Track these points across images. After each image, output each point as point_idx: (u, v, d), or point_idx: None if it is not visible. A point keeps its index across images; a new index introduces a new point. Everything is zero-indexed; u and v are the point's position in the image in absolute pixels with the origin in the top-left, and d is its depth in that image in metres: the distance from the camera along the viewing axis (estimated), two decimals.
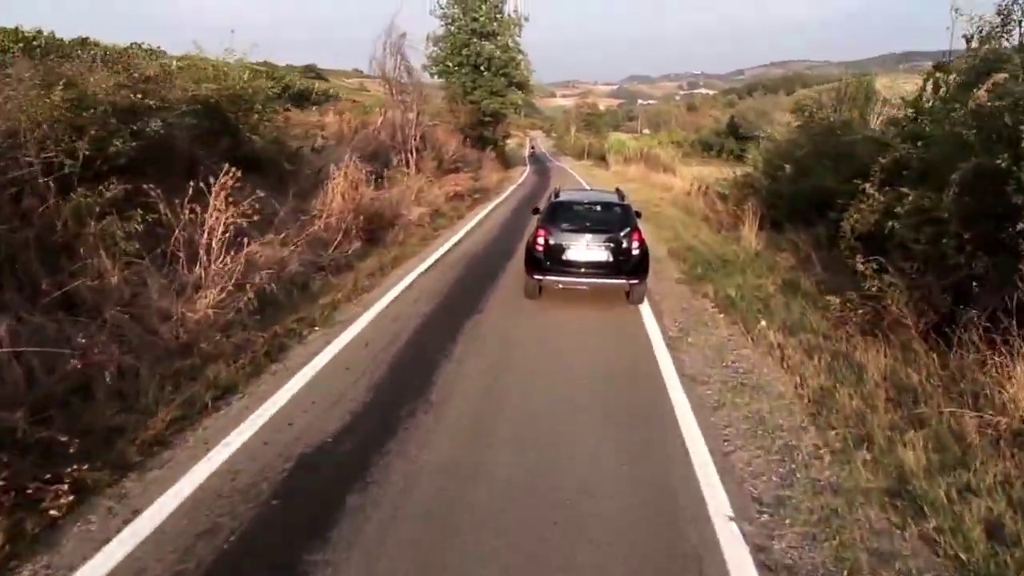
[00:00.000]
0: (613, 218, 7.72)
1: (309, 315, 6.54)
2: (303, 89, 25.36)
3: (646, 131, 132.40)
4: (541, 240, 7.40)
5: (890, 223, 7.12)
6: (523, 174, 32.80)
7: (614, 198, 8.47)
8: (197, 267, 6.05)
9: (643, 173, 29.59)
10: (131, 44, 13.73)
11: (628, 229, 7.46)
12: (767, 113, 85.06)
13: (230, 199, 6.15)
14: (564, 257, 7.34)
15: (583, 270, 7.36)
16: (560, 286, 7.52)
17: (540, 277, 7.43)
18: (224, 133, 8.84)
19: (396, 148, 15.75)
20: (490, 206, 17.69)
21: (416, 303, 7.45)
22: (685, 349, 6.26)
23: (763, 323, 6.99)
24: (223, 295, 5.83)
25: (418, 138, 16.34)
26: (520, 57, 30.14)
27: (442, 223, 13.51)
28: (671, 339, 6.54)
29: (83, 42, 14.28)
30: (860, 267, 6.95)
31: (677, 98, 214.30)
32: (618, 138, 40.14)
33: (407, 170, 15.48)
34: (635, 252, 7.37)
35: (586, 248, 7.34)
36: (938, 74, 9.21)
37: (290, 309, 6.68)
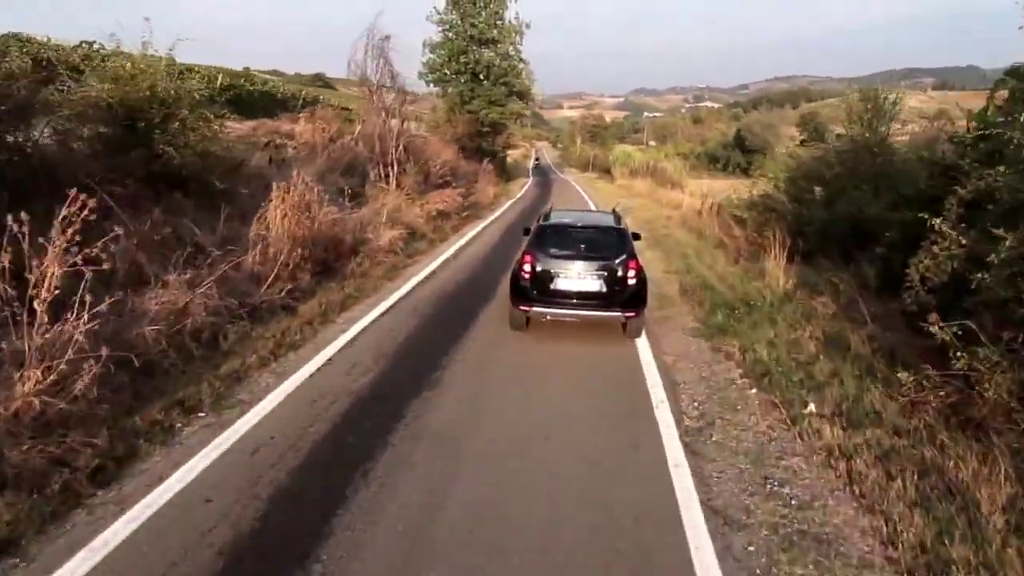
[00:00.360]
0: (607, 243, 6.86)
1: (195, 394, 4.76)
2: (285, 95, 23.77)
3: (652, 143, 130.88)
4: (528, 267, 6.65)
5: (979, 274, 5.32)
6: (524, 187, 31.10)
7: (609, 220, 7.66)
8: (34, 333, 4.29)
9: (650, 188, 27.81)
10: (80, 43, 12.15)
11: (624, 256, 6.66)
12: (773, 126, 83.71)
13: (77, 235, 4.37)
14: (553, 286, 6.58)
15: (574, 301, 6.58)
16: (548, 318, 6.72)
17: (526, 308, 6.66)
18: (138, 144, 7.16)
19: (375, 161, 14.05)
20: (480, 226, 15.95)
21: (353, 371, 5.65)
22: (710, 455, 4.41)
23: (811, 407, 5.17)
24: (54, 374, 4.07)
25: (400, 149, 14.63)
26: (521, 66, 28.56)
27: (419, 248, 11.75)
28: (689, 434, 4.70)
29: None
30: (940, 333, 5.15)
31: (683, 111, 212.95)
32: (624, 150, 38.41)
33: (386, 186, 13.77)
34: (631, 282, 6.60)
35: (577, 277, 6.58)
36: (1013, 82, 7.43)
37: (175, 381, 4.92)
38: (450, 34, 26.86)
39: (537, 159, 64.21)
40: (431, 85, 26.85)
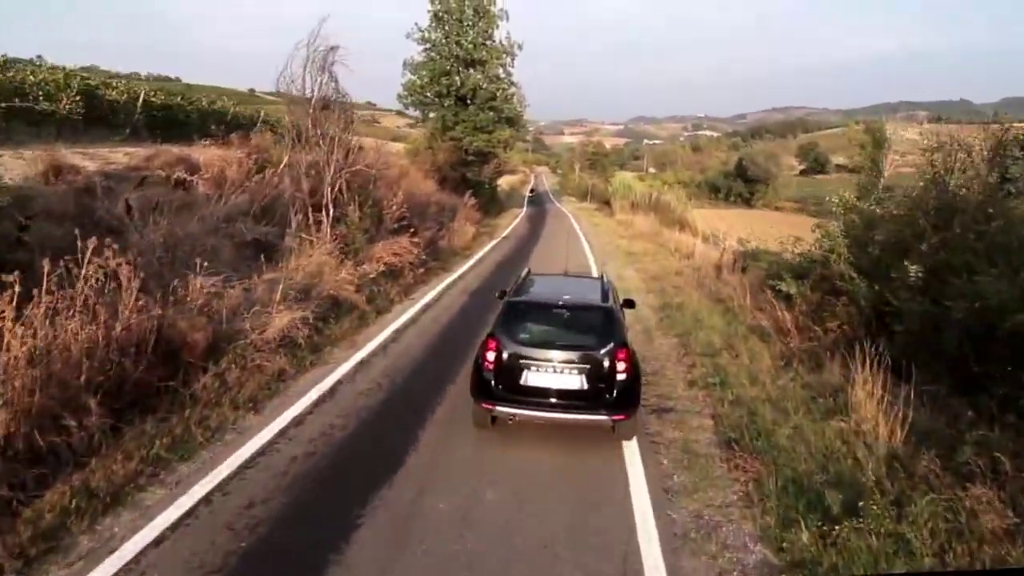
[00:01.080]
0: (592, 327, 5.47)
1: None
2: (243, 116, 20.55)
3: (652, 170, 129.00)
4: (492, 356, 5.30)
5: None
6: (515, 220, 27.78)
7: (595, 294, 6.02)
8: None
9: (653, 226, 24.47)
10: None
11: (612, 344, 5.26)
12: (776, 156, 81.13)
13: None
14: (523, 381, 5.21)
15: (550, 400, 5.21)
16: (515, 419, 5.31)
17: (489, 407, 5.27)
18: None
19: (300, 203, 10.63)
20: (441, 284, 12.53)
21: None
22: None
23: None
24: None
25: (337, 189, 11.21)
26: (512, 90, 25.50)
27: (336, 333, 8.18)
28: None
29: None
30: None
31: (681, 139, 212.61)
32: (624, 180, 35.25)
33: (315, 235, 10.33)
34: (621, 377, 5.20)
35: (553, 370, 5.21)
36: None
37: None
38: (433, 54, 23.84)
39: (533, 189, 61.30)
40: (409, 108, 23.76)
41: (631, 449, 5.33)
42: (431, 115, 23.91)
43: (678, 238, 19.88)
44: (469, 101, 23.98)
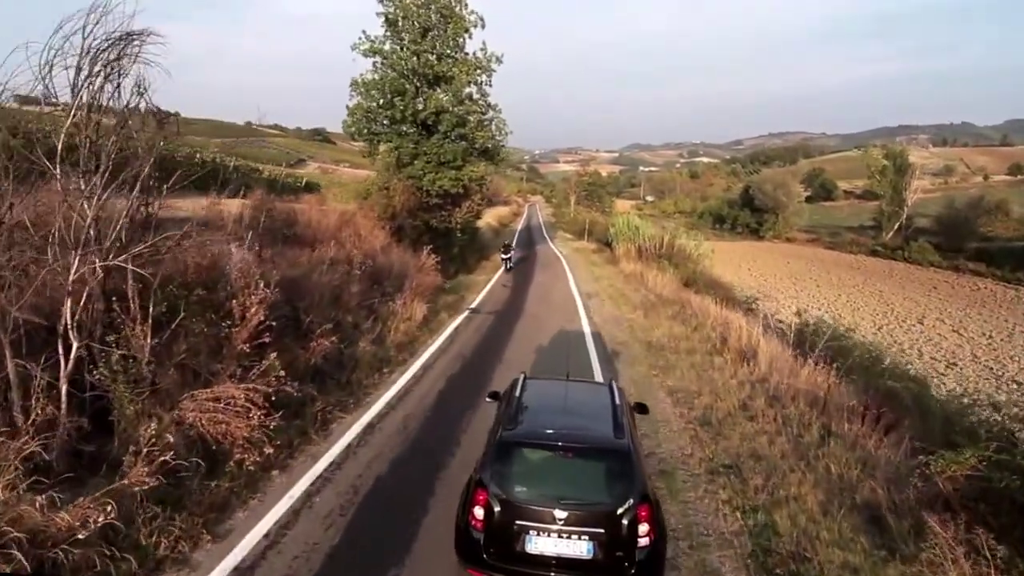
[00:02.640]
0: (605, 475, 4.25)
1: None
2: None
3: (649, 198, 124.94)
4: (480, 512, 4.17)
5: None
6: (494, 277, 22.12)
7: (604, 424, 4.58)
8: None
9: (672, 284, 18.82)
10: None
11: (631, 501, 4.05)
12: (786, 185, 76.35)
13: None
14: (519, 547, 4.08)
15: (553, 571, 4.04)
16: None
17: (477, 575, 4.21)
18: None
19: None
20: (280, 505, 6.52)
21: None
22: None
23: None
24: None
25: (97, 291, 5.52)
26: (490, 114, 20.17)
27: None
28: None
29: None
30: None
31: (678, 165, 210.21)
32: (628, 220, 29.72)
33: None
34: (643, 543, 4.04)
35: (557, 534, 4.05)
36: None
37: None
38: (386, 68, 18.60)
39: (527, 222, 56.19)
40: (355, 139, 18.48)
41: None
42: (382, 146, 18.58)
43: (714, 312, 14.20)
44: (432, 128, 18.69)
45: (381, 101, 18.32)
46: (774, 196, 72.42)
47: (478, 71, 19.22)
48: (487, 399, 6.30)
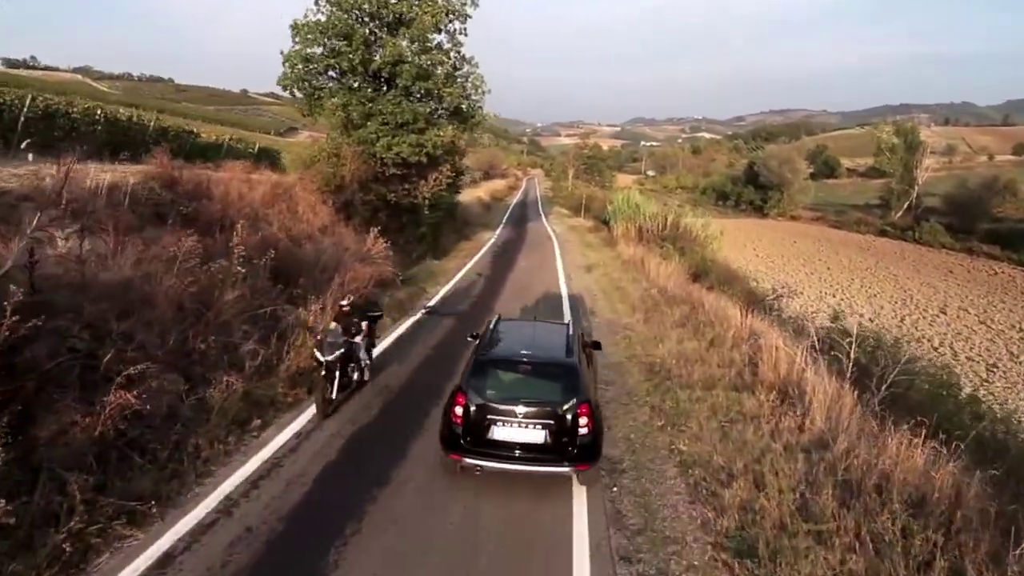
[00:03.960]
0: (556, 383, 5.54)
1: None
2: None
3: (651, 173, 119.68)
4: (459, 410, 5.37)
5: None
6: (467, 264, 18.50)
7: (560, 348, 5.99)
8: None
9: (678, 277, 15.20)
10: None
11: (574, 400, 5.36)
12: (791, 161, 71.61)
13: None
14: (490, 435, 5.33)
15: (515, 453, 5.33)
16: (482, 470, 5.34)
17: (457, 459, 5.38)
18: None
19: None
20: None
21: None
22: None
23: None
24: None
25: None
26: (465, 68, 16.15)
27: None
28: None
29: None
30: None
31: (680, 140, 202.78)
32: (628, 197, 25.85)
33: None
34: (583, 432, 5.32)
35: (518, 425, 5.33)
36: None
37: None
38: (332, 8, 14.54)
39: (524, 196, 52.28)
40: (289, 92, 14.60)
41: None
42: (326, 103, 14.70)
43: (736, 319, 10.62)
44: (390, 82, 14.78)
45: (326, 46, 14.34)
46: (779, 172, 67.89)
47: (448, 16, 15.16)
48: (468, 338, 7.02)
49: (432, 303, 12.43)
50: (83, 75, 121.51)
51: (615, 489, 5.65)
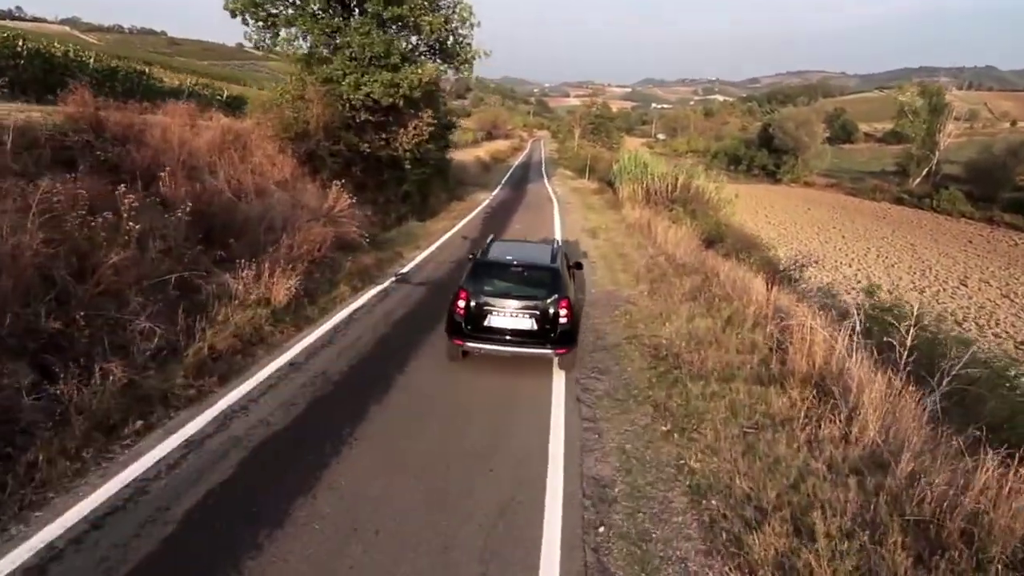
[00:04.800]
0: (541, 283, 6.55)
1: None
2: None
3: (661, 136, 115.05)
4: (462, 303, 6.36)
5: None
6: (456, 225, 16.68)
7: (545, 258, 7.11)
8: None
9: (689, 243, 13.38)
10: None
11: (556, 296, 6.39)
12: (809, 123, 67.82)
13: None
14: (486, 323, 6.34)
15: (507, 338, 6.33)
16: (481, 352, 6.47)
17: (460, 343, 6.39)
18: None
19: None
20: None
21: None
22: None
23: None
24: None
25: None
26: None
27: None
28: None
29: None
30: None
31: (692, 103, 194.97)
32: (635, 155, 23.64)
33: None
34: (563, 321, 6.33)
35: (510, 315, 6.33)
36: None
37: None
38: None
39: (526, 157, 49.71)
40: (246, 21, 12.42)
41: None
42: (281, 35, 12.59)
43: (759, 292, 8.89)
44: (355, 7, 12.57)
45: None
46: (795, 136, 64.38)
47: None
48: (468, 257, 7.91)
49: (405, 270, 10.73)
50: (71, 27, 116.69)
51: (601, 530, 4.09)
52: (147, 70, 16.16)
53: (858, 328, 7.08)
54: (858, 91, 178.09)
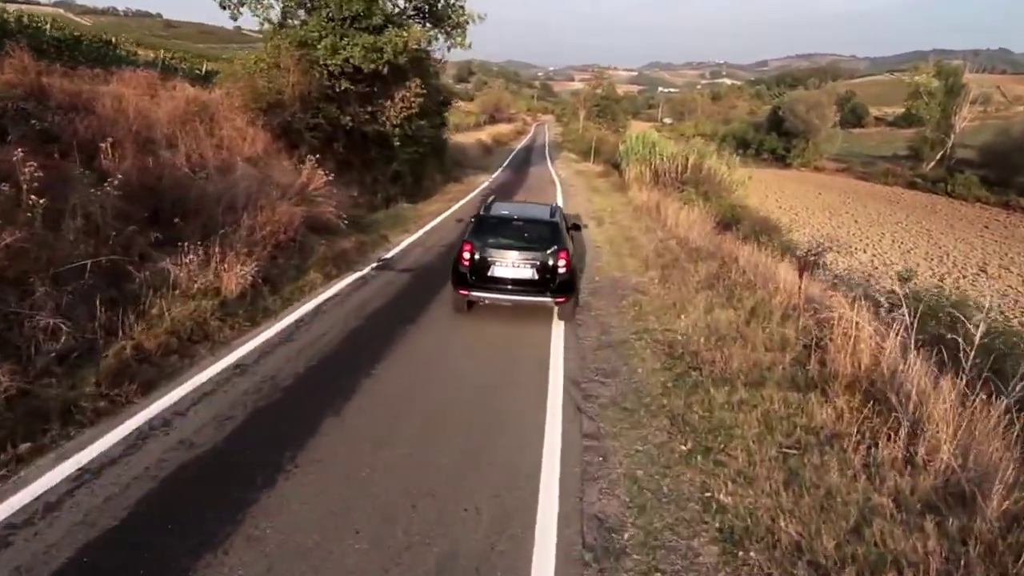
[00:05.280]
0: (541, 236, 6.85)
1: None
2: None
3: (667, 120, 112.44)
4: (467, 255, 6.68)
5: None
6: (446, 212, 15.57)
7: (544, 213, 7.49)
8: None
9: (702, 226, 12.21)
10: None
11: (555, 247, 6.71)
12: (821, 106, 65.68)
13: None
14: (490, 273, 6.66)
15: (509, 287, 6.65)
16: (486, 302, 6.85)
17: (465, 293, 6.72)
18: None
19: None
20: None
21: None
22: None
23: None
24: None
25: None
26: None
27: None
28: None
29: None
30: None
31: (699, 86, 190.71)
32: (645, 136, 22.30)
33: None
34: (561, 271, 6.65)
35: (512, 265, 6.66)
36: None
37: None
38: None
39: (530, 142, 48.14)
40: None
41: None
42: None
43: (786, 279, 7.77)
44: None
45: None
46: (806, 119, 62.38)
47: None
48: (471, 218, 7.44)
49: (389, 255, 9.65)
50: (65, 8, 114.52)
51: None
52: (114, 39, 14.95)
53: (906, 322, 5.96)
54: (868, 74, 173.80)
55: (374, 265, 8.94)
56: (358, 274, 8.39)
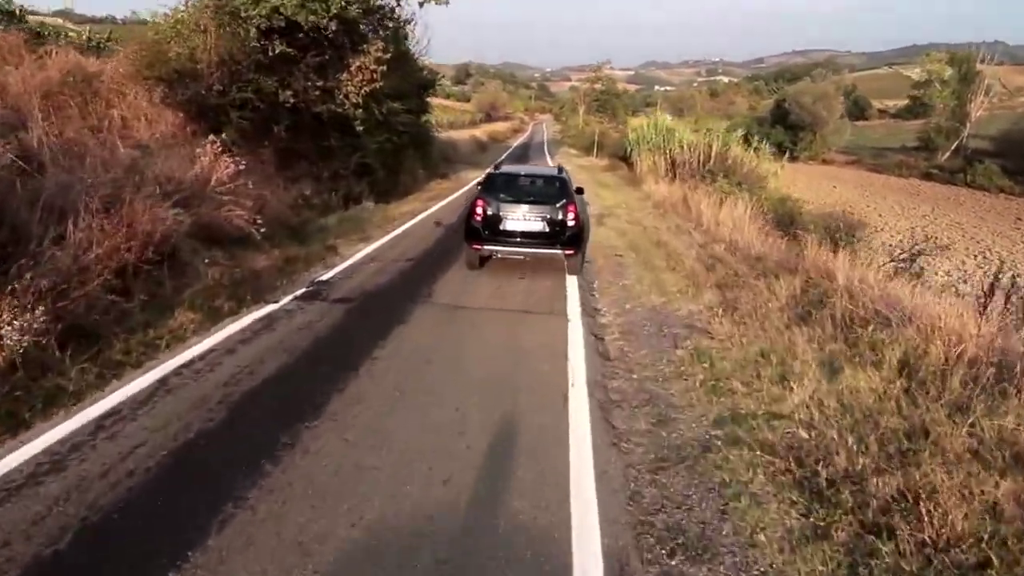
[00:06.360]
0: (550, 190, 7.05)
1: None
2: None
3: (668, 117, 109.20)
4: (479, 210, 6.79)
5: None
6: (424, 212, 12.54)
7: (553, 171, 7.69)
8: None
9: (772, 245, 9.20)
10: None
11: (564, 201, 6.83)
12: (828, 97, 62.43)
13: None
14: (501, 227, 6.77)
15: (519, 240, 6.78)
16: (498, 255, 7.03)
17: (479, 247, 6.86)
18: None
19: None
20: None
21: None
22: None
23: None
24: None
25: None
26: None
27: None
28: None
29: None
30: None
31: (696, 84, 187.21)
32: (655, 121, 19.19)
33: None
34: (570, 223, 6.76)
35: (523, 219, 6.78)
36: None
37: None
38: None
39: (527, 139, 45.08)
40: None
41: None
42: None
43: (939, 315, 4.82)
44: None
45: None
46: (813, 110, 59.21)
47: None
48: (476, 185, 8.22)
49: (330, 275, 6.64)
50: (63, 19, 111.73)
51: None
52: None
53: None
54: (865, 69, 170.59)
55: (299, 293, 5.94)
56: (267, 309, 5.39)
